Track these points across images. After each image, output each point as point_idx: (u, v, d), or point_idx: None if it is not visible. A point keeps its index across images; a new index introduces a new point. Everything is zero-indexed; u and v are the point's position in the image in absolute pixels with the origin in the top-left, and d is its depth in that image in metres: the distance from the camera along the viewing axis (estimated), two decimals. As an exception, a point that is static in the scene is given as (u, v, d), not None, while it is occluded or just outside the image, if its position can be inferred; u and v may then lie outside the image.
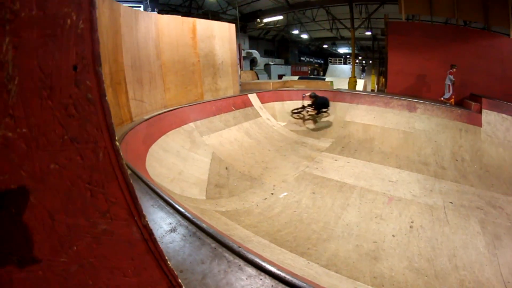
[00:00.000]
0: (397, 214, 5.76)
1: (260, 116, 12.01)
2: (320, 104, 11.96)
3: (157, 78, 9.75)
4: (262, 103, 12.91)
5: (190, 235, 2.61)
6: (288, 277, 2.18)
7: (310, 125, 12.43)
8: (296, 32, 34.76)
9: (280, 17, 26.87)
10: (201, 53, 11.56)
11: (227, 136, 9.49)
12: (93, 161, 1.18)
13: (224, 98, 11.56)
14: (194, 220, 2.86)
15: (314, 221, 5.42)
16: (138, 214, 1.32)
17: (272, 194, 6.55)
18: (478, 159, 8.84)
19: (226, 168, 7.63)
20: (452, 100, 11.55)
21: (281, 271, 2.22)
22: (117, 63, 7.84)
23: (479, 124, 9.80)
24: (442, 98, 11.65)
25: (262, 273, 2.20)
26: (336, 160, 8.69)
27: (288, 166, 8.19)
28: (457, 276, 4.18)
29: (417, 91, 13.40)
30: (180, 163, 6.99)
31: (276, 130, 11.46)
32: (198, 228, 2.72)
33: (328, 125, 12.13)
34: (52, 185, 1.07)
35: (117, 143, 1.27)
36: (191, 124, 8.85)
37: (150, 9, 16.50)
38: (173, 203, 3.19)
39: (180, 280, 1.47)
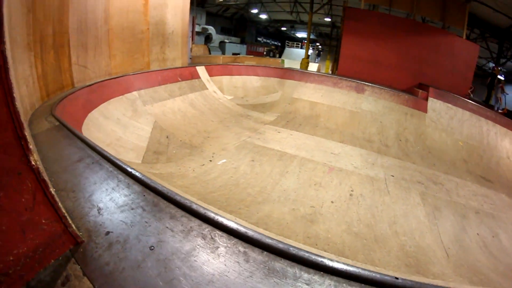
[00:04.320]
0: (337, 183, 5.52)
1: (207, 89, 11.47)
2: None
3: (103, 44, 9.03)
4: (210, 76, 12.35)
5: (92, 163, 2.75)
6: (169, 192, 2.28)
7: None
8: (255, 11, 34.29)
9: (241, -7, 25.92)
10: (152, 21, 10.82)
11: (171, 106, 9.00)
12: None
13: (171, 69, 10.98)
14: (98, 149, 3.02)
15: (250, 186, 5.08)
16: None
17: (210, 161, 6.11)
18: (422, 141, 9.08)
19: (167, 137, 7.17)
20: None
21: (162, 187, 2.32)
22: (62, 25, 7.15)
23: (424, 110, 10.09)
24: (499, 110, 12.19)
25: (147, 190, 2.34)
26: (279, 132, 8.37)
27: (230, 136, 7.78)
28: (398, 241, 4.00)
29: (367, 76, 13.38)
30: (119, 130, 6.47)
31: (222, 103, 10.99)
32: (101, 156, 2.88)
33: (275, 100, 11.89)
34: None
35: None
36: (135, 93, 8.33)
37: None
38: (85, 139, 3.30)
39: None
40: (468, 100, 10.14)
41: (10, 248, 1.43)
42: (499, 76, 16.56)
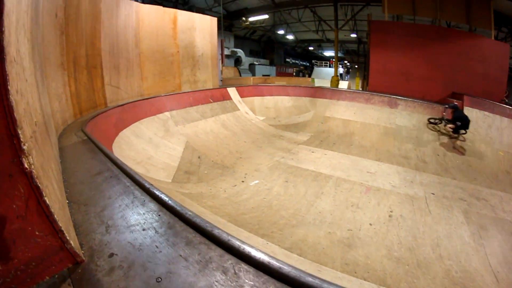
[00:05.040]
0: (375, 204, 5.33)
1: (239, 110, 11.60)
2: (459, 119, 9.14)
3: (134, 66, 9.56)
4: (241, 97, 12.52)
5: (111, 177, 2.64)
6: (188, 213, 2.02)
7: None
8: (281, 32, 34.52)
9: (266, 16, 26.46)
10: (181, 44, 11.35)
11: (202, 127, 9.14)
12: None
13: (202, 90, 11.24)
14: (118, 162, 2.91)
15: (284, 208, 4.98)
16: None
17: (242, 182, 6.10)
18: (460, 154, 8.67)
19: (199, 157, 7.22)
20: None
21: (180, 207, 2.09)
22: (94, 47, 7.66)
23: None
24: None
25: (164, 209, 2.14)
26: (313, 152, 8.26)
27: (263, 156, 7.75)
28: (442, 265, 3.76)
29: (399, 89, 13.11)
30: (151, 149, 6.63)
31: (254, 123, 11.03)
32: (121, 170, 2.76)
33: (307, 120, 11.74)
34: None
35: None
36: (167, 113, 8.56)
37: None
38: (108, 153, 3.28)
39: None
40: (506, 106, 9.60)
41: (-1, 257, 1.34)
42: None
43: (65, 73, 6.03)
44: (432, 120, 10.63)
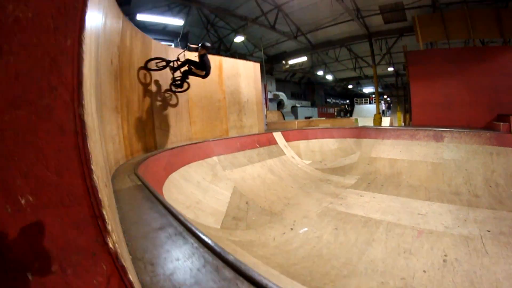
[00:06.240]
0: (428, 248, 5.23)
1: (285, 154, 11.86)
2: None
3: (183, 111, 10.13)
4: (287, 141, 12.83)
5: (175, 234, 2.51)
6: (250, 274, 1.86)
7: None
8: (321, 73, 35.20)
9: (305, 58, 27.16)
10: (227, 90, 11.97)
11: (250, 172, 9.39)
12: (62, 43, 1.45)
13: (248, 135, 11.64)
14: (181, 218, 2.76)
15: (334, 257, 5.00)
16: (78, 102, 1.47)
17: (291, 229, 6.20)
18: None
19: (247, 203, 7.41)
20: None
21: (239, 263, 1.97)
22: (146, 92, 8.31)
23: (510, 144, 9.24)
24: None
25: (225, 267, 2.00)
26: (361, 196, 8.24)
27: (311, 202, 7.83)
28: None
29: (443, 119, 13.02)
30: (199, 193, 6.89)
31: (300, 168, 11.18)
32: (185, 228, 2.60)
33: (353, 162, 11.73)
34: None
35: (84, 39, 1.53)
36: (215, 158, 8.90)
37: (180, 47, 17.19)
38: (168, 206, 3.12)
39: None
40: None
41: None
42: None
43: (119, 116, 6.51)
44: None
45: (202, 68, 8.43)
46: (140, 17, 16.31)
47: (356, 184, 9.46)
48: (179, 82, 9.13)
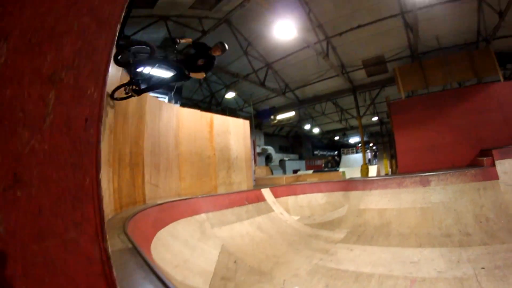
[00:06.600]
0: (421, 298, 5.21)
1: (273, 211, 11.73)
2: None
3: (173, 167, 10.13)
4: (275, 197, 12.74)
5: None
6: None
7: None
8: (308, 127, 36.00)
9: (292, 113, 27.97)
10: (217, 147, 12.09)
11: (238, 229, 9.23)
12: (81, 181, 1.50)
13: (237, 192, 11.55)
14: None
15: (326, 316, 4.94)
16: (102, 236, 1.54)
17: (282, 289, 6.09)
18: (504, 212, 8.36)
19: (235, 262, 7.24)
20: None
21: None
22: (138, 146, 8.27)
23: (495, 177, 9.46)
24: None
25: None
26: (351, 250, 8.12)
27: (301, 260, 7.68)
28: None
29: (429, 163, 13.28)
30: (187, 251, 6.70)
31: (289, 224, 11.08)
32: None
33: (342, 215, 11.72)
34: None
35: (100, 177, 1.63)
36: (203, 215, 8.73)
37: (174, 101, 18.26)
38: (162, 277, 2.91)
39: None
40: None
41: None
42: None
43: (111, 169, 6.45)
44: None
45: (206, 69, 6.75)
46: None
47: (345, 238, 9.38)
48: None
